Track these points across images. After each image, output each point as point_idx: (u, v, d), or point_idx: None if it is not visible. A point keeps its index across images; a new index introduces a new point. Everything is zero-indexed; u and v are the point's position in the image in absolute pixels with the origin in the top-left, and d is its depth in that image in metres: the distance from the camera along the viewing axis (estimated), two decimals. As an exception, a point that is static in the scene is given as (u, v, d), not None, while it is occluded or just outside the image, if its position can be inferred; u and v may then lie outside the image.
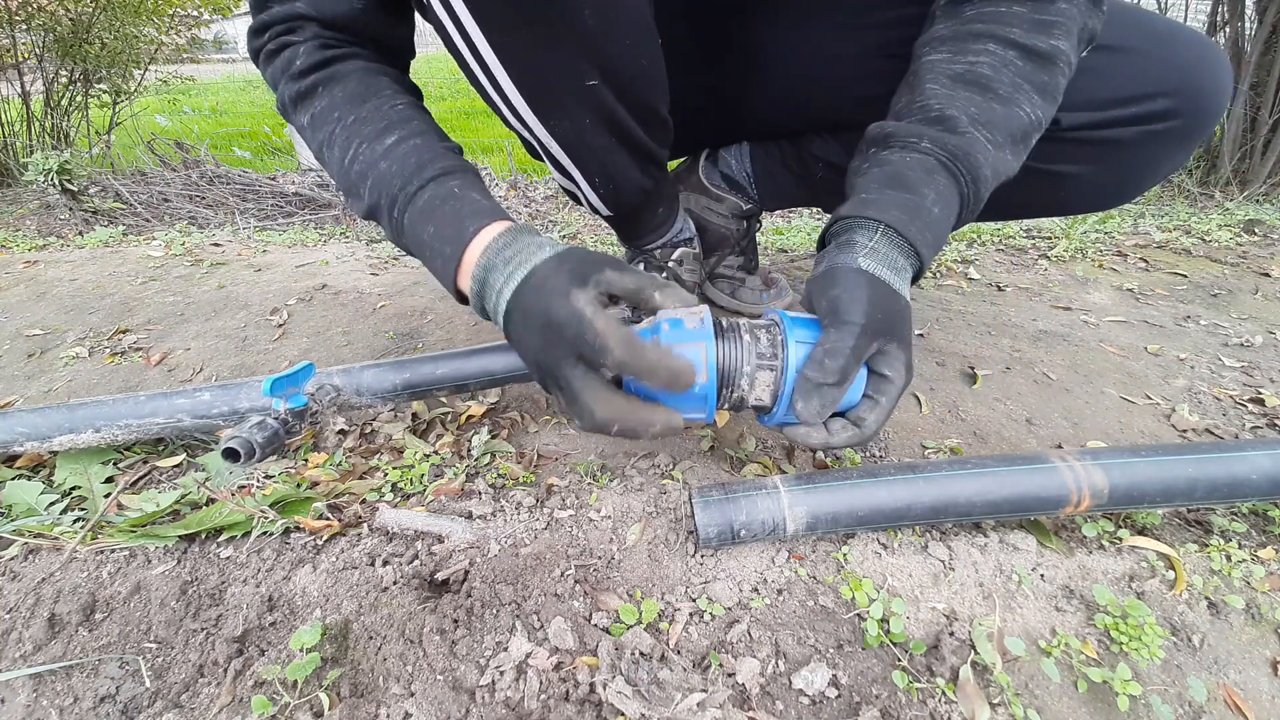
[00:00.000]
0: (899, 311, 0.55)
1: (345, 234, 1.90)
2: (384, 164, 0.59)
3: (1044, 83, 0.58)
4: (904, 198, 0.56)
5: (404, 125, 0.61)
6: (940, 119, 0.58)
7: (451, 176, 0.59)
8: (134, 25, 3.09)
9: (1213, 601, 0.57)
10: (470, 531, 0.62)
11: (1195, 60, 0.70)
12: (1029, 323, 1.13)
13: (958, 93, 0.58)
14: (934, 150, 0.57)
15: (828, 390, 0.51)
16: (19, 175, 2.79)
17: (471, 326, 1.09)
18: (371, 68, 0.65)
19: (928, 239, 0.56)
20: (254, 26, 0.66)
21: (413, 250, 0.61)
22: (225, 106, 5.37)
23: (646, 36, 0.64)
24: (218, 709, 0.48)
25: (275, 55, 0.64)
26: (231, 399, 0.71)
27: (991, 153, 0.57)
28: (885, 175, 0.58)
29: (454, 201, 0.57)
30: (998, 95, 0.58)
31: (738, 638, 0.53)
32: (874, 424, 0.54)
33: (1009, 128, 0.58)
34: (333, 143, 0.62)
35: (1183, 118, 0.71)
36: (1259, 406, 0.88)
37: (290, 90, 0.64)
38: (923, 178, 0.57)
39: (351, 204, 0.65)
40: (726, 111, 0.95)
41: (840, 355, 0.51)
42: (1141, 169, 0.77)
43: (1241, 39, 2.32)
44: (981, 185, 0.58)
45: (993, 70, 0.58)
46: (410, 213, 0.58)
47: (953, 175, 0.57)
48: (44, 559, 0.62)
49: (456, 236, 0.56)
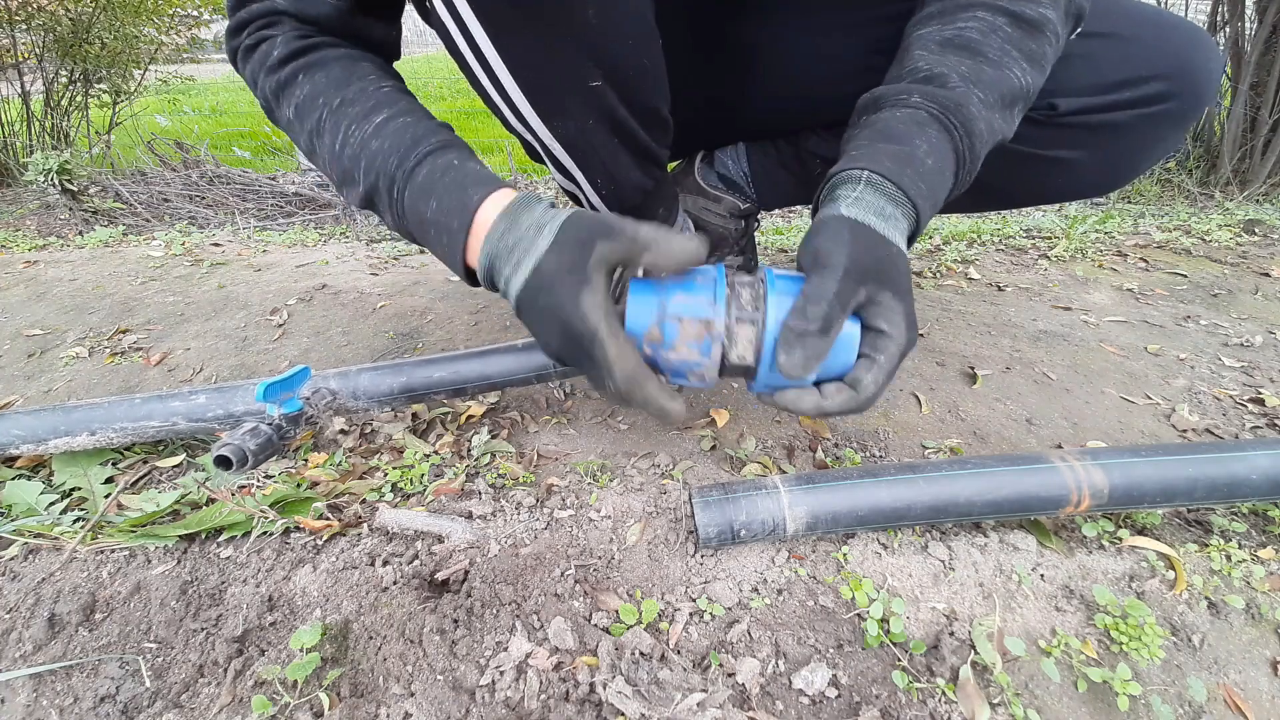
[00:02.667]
0: (889, 257, 0.51)
1: (345, 234, 1.90)
2: (376, 143, 0.57)
3: (1032, 50, 0.58)
4: (893, 148, 0.54)
5: (391, 105, 0.59)
6: (930, 77, 0.57)
7: (449, 149, 0.58)
8: (134, 25, 3.09)
9: (1213, 601, 0.57)
10: (470, 531, 0.62)
11: (1185, 44, 0.72)
12: (1029, 323, 1.13)
13: (947, 56, 0.57)
14: (924, 104, 0.55)
15: (811, 340, 0.48)
16: (19, 175, 2.79)
17: (471, 327, 1.09)
18: (352, 54, 0.63)
19: (921, 189, 0.53)
20: (231, 26, 0.64)
21: (414, 232, 0.59)
22: (225, 106, 5.37)
23: (648, 37, 0.64)
24: (218, 709, 0.48)
25: (252, 51, 0.63)
26: (227, 402, 0.71)
27: (984, 110, 0.56)
28: (874, 132, 0.56)
29: (453, 173, 0.56)
30: (987, 59, 0.57)
31: (738, 638, 0.53)
32: (871, 385, 0.50)
33: (1000, 89, 0.57)
34: (321, 130, 0.60)
35: (1176, 100, 0.72)
36: (1259, 406, 0.88)
37: (270, 83, 0.62)
38: (913, 130, 0.55)
39: (346, 194, 0.62)
40: (723, 111, 0.95)
41: (822, 300, 0.48)
42: (1137, 152, 0.78)
43: (1241, 39, 2.32)
44: (976, 140, 0.56)
45: (981, 35, 0.57)
46: (410, 189, 0.56)
47: (945, 128, 0.55)
48: (44, 559, 0.62)
49: (461, 207, 0.54)
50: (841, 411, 0.51)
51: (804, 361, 0.48)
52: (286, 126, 0.65)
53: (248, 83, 0.66)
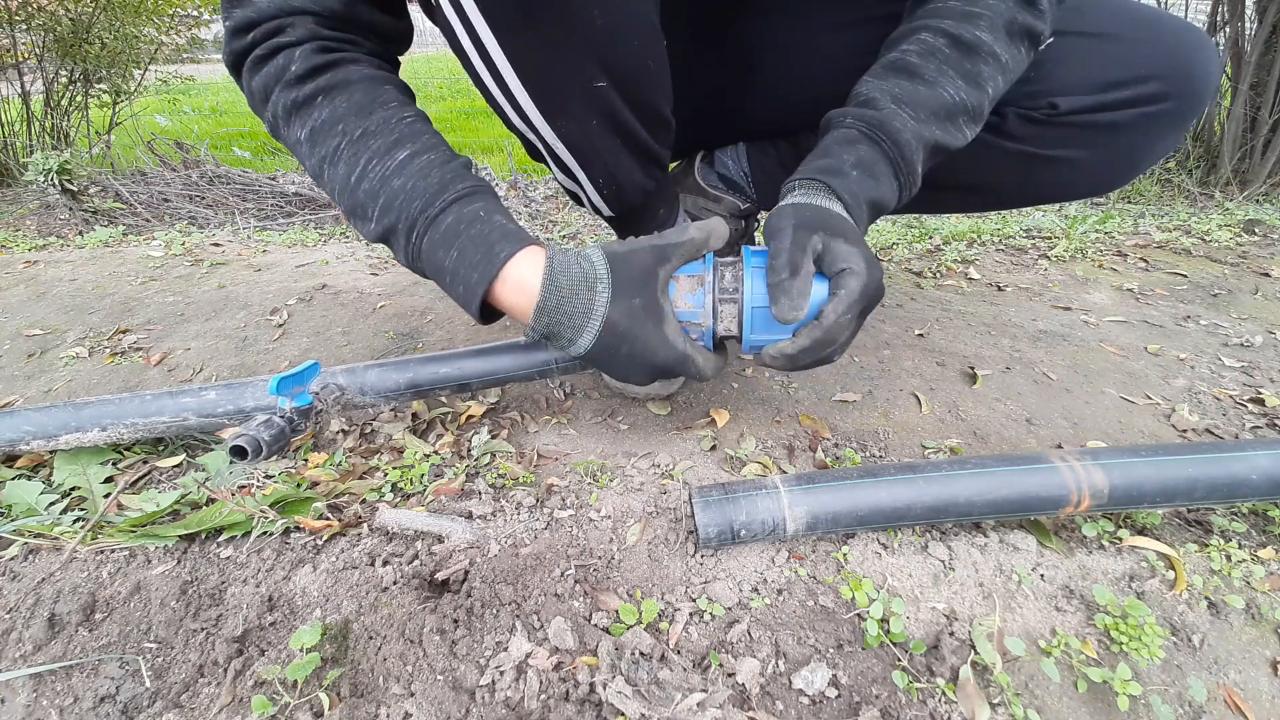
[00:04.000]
0: (832, 215, 0.59)
1: (345, 234, 1.90)
2: (398, 181, 0.58)
3: (967, 70, 0.64)
4: (823, 162, 0.63)
5: (415, 140, 0.59)
6: (865, 101, 0.65)
7: (475, 197, 0.60)
8: (134, 25, 3.09)
9: (1213, 601, 0.57)
10: (470, 531, 0.62)
11: (1182, 44, 0.73)
12: (1029, 323, 1.13)
13: (887, 79, 0.65)
14: (856, 124, 0.64)
15: (787, 284, 0.55)
16: (19, 175, 2.79)
17: (471, 327, 1.09)
18: (375, 75, 0.62)
19: (850, 189, 0.61)
20: (234, 26, 0.59)
21: (426, 272, 0.62)
22: (225, 106, 5.37)
23: (653, 38, 0.64)
24: (218, 709, 0.48)
25: (265, 60, 0.59)
26: (236, 398, 0.71)
27: (911, 124, 0.63)
28: (814, 154, 0.65)
29: (480, 225, 0.58)
30: (922, 79, 0.63)
31: (738, 638, 0.53)
32: (832, 315, 0.56)
33: (931, 105, 0.63)
34: (337, 159, 0.59)
35: (1175, 99, 0.73)
36: (1259, 406, 0.88)
37: (286, 99, 0.59)
38: (844, 147, 0.63)
39: (356, 224, 0.62)
40: (723, 111, 0.95)
41: (782, 252, 0.56)
42: (1137, 151, 0.79)
43: (1241, 39, 2.32)
44: (905, 149, 0.62)
45: (919, 58, 0.64)
46: (431, 236, 0.58)
47: (874, 142, 0.63)
48: (44, 559, 0.62)
49: (485, 262, 0.58)
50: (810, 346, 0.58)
51: (791, 306, 0.55)
52: (293, 145, 0.63)
53: (251, 93, 0.62)
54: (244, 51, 0.60)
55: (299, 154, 0.63)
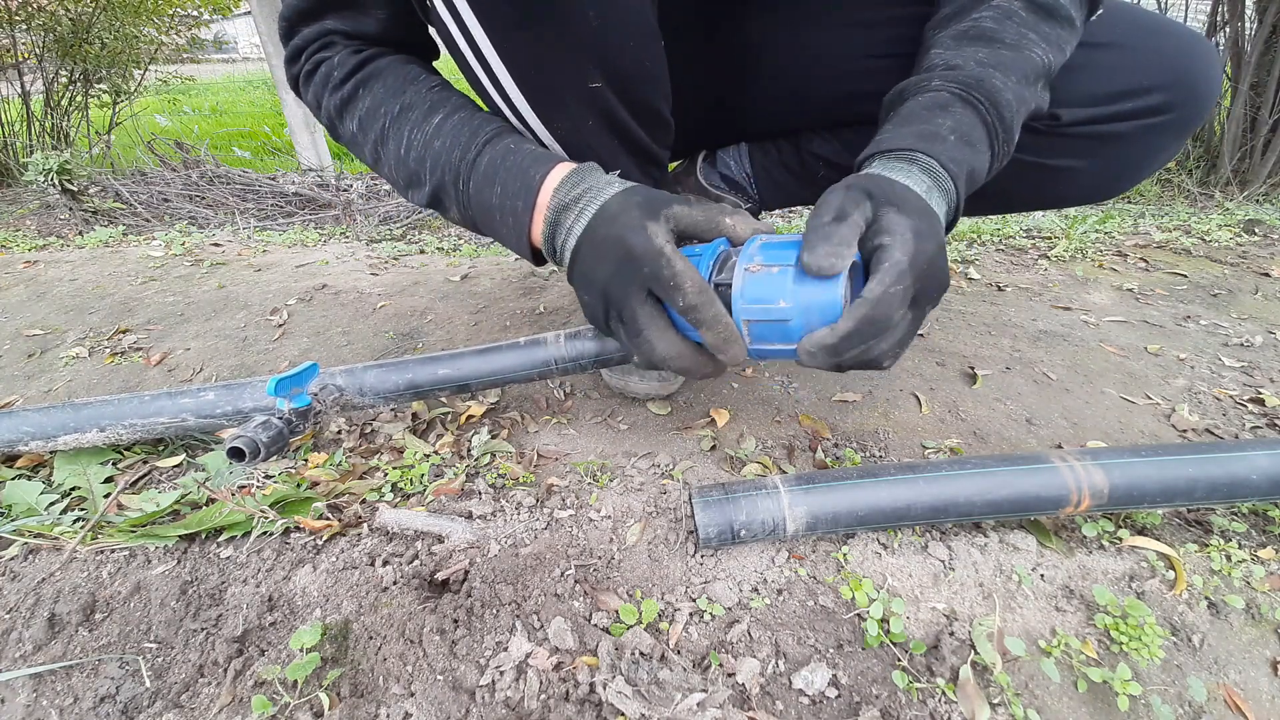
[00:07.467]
0: (893, 185, 0.50)
1: (345, 234, 1.91)
2: (438, 142, 0.61)
3: (1048, 33, 0.59)
4: (918, 128, 0.54)
5: (446, 103, 0.63)
6: (948, 67, 0.58)
7: (505, 135, 0.61)
8: (134, 25, 3.09)
9: (1213, 601, 0.57)
10: (470, 531, 0.62)
11: (1185, 53, 0.72)
12: (1029, 323, 1.13)
13: (964, 48, 0.59)
14: (945, 86, 0.56)
15: (829, 228, 0.47)
16: (19, 175, 2.79)
17: (471, 327, 1.09)
18: (401, 58, 0.67)
19: (954, 157, 0.53)
20: (288, 55, 0.67)
21: (482, 221, 0.62)
22: (225, 106, 5.37)
23: (649, 38, 0.64)
24: (218, 709, 0.48)
25: (313, 74, 0.66)
26: (235, 399, 0.71)
27: (1012, 84, 0.56)
28: (898, 119, 0.57)
29: (514, 156, 0.59)
30: (1005, 44, 0.58)
31: (738, 638, 0.53)
32: (878, 288, 0.46)
33: (1022, 69, 0.57)
34: (385, 138, 0.63)
35: (1177, 110, 0.72)
36: (1259, 406, 0.88)
37: (334, 101, 0.65)
38: (935, 112, 0.55)
39: (413, 195, 0.65)
40: (725, 111, 0.95)
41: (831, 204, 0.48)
42: (1139, 161, 0.79)
43: (1241, 39, 2.32)
44: (1004, 109, 0.55)
45: (996, 24, 0.59)
46: (475, 178, 0.59)
47: (969, 103, 0.55)
48: (44, 559, 0.62)
49: (525, 189, 0.57)
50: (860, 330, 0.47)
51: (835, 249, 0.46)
52: (349, 141, 0.68)
53: (311, 104, 0.69)
54: (297, 74, 0.67)
55: (356, 149, 0.67)
